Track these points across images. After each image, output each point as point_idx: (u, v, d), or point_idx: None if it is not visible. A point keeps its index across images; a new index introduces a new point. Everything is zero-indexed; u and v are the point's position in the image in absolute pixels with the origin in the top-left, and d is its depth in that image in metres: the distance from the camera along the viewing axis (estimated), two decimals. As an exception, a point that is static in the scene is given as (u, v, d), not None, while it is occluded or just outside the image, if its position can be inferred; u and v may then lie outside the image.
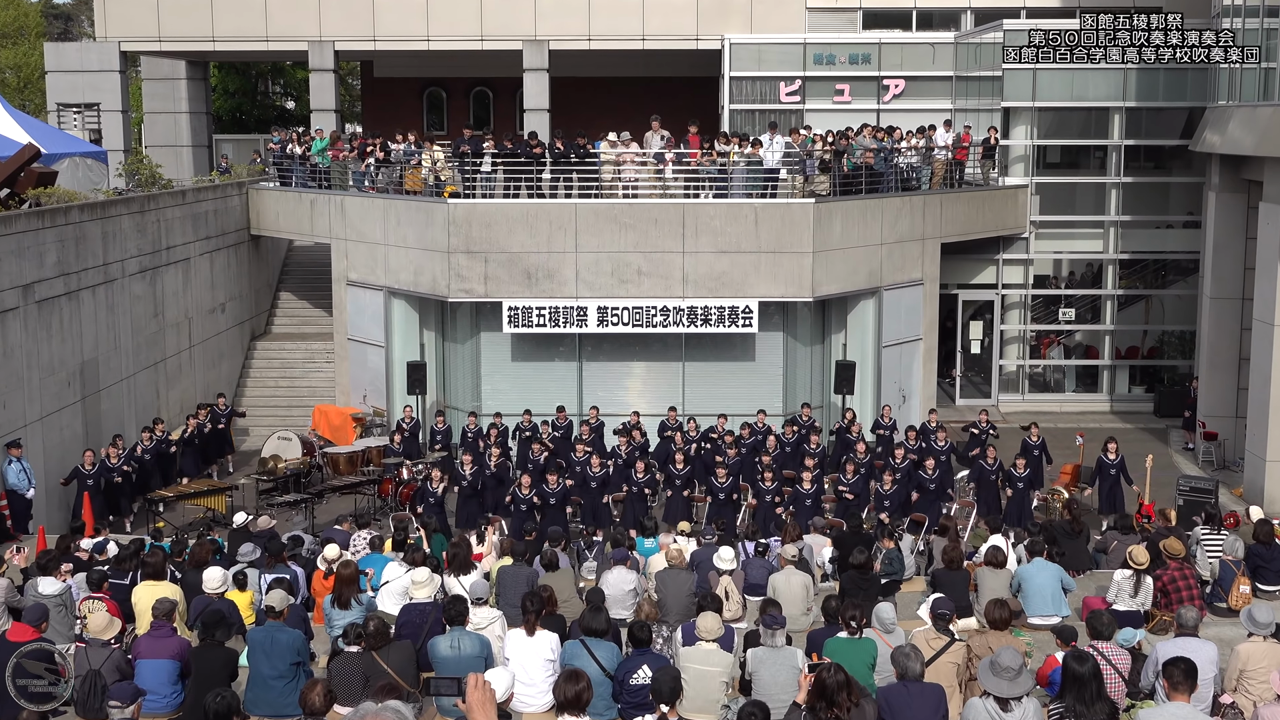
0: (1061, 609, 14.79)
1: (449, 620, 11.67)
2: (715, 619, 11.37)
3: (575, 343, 27.59)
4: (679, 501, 22.10)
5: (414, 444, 25.43)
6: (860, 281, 27.58)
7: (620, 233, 26.17)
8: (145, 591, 13.69)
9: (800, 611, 14.76)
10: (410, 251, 27.34)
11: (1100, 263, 33.07)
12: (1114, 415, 32.34)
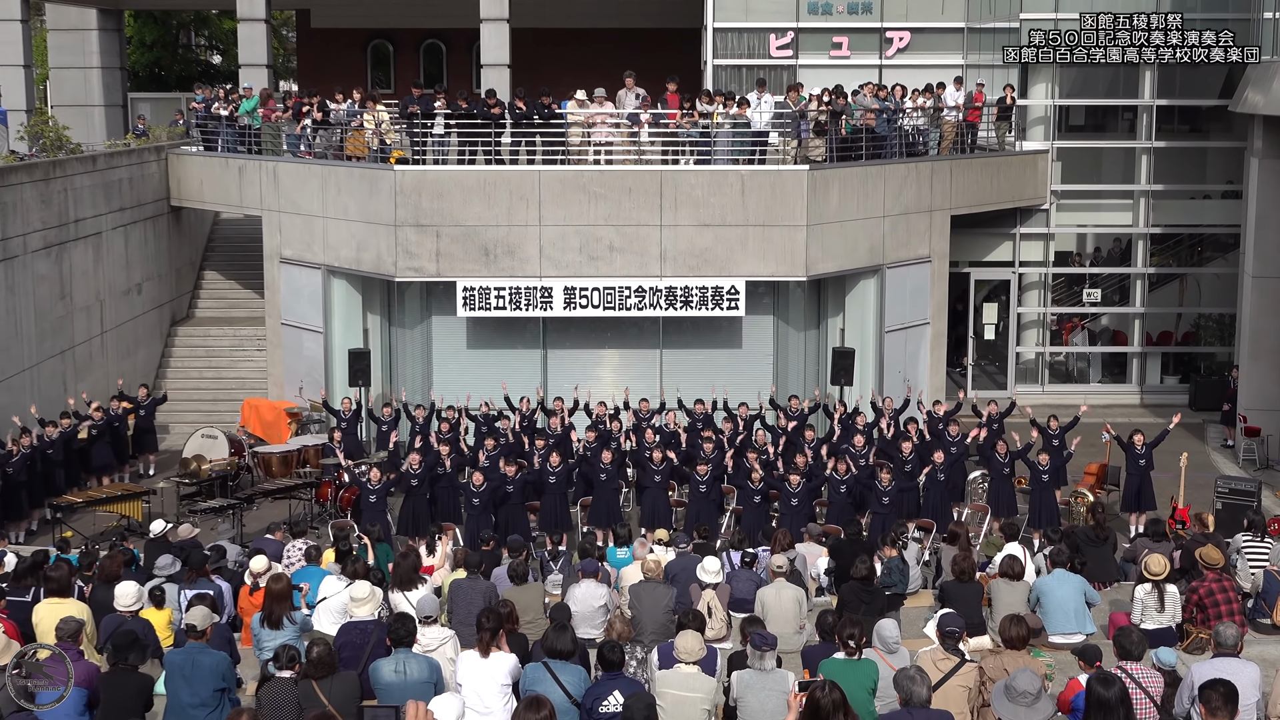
0: (1085, 626, 14.80)
1: (394, 641, 11.60)
2: (696, 639, 11.32)
3: (539, 328, 27.49)
4: (657, 505, 22.04)
5: (354, 441, 25.32)
6: (860, 259, 27.57)
7: (590, 204, 26.08)
8: (48, 610, 13.57)
9: (792, 630, 14.74)
10: (352, 225, 27.20)
11: (1129, 238, 33.14)
12: (1144, 408, 32.42)
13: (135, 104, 42.70)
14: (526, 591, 14.87)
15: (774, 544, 16.96)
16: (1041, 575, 15.95)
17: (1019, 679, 10.37)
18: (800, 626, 14.92)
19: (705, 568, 15.26)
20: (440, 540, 18.36)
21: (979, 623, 14.86)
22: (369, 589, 13.18)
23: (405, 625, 11.68)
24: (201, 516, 22.73)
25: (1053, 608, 14.76)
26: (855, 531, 17.90)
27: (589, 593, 15.12)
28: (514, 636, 12.90)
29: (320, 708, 10.75)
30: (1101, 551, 17.91)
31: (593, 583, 15.26)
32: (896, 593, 16.17)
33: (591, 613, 14.99)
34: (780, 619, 14.70)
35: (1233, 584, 14.99)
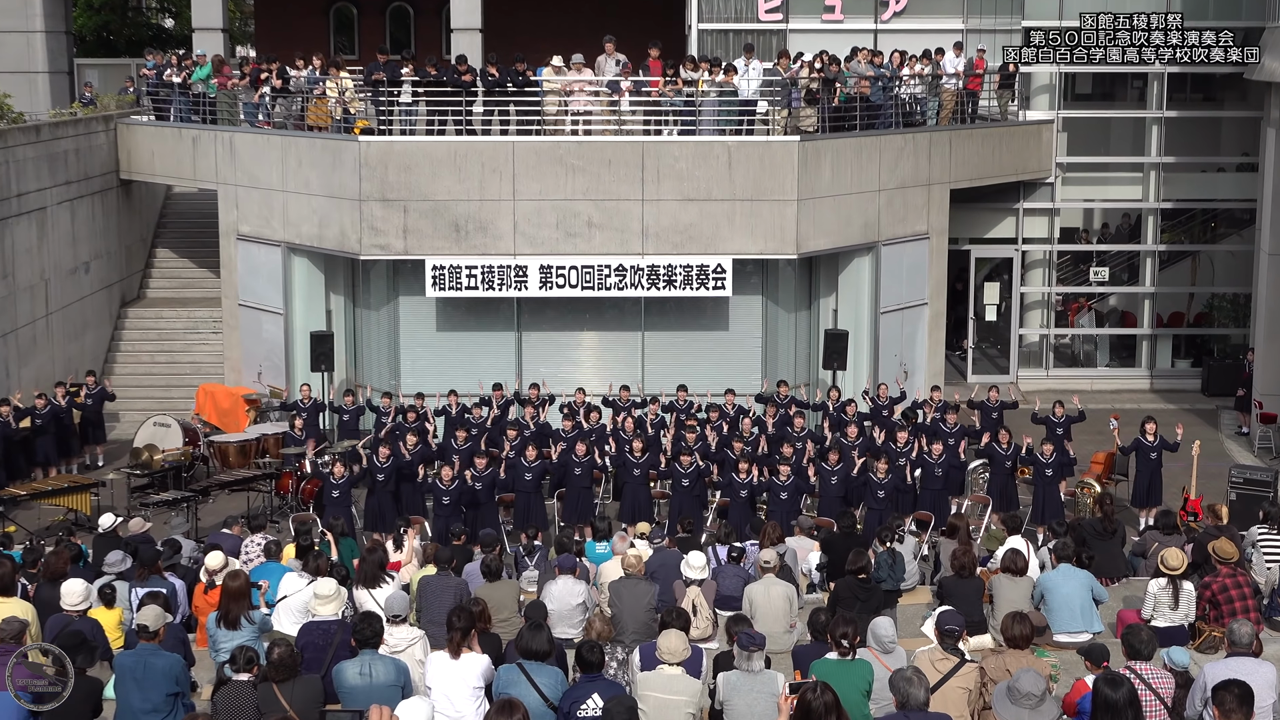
0: (1092, 624, 14.83)
1: (359, 642, 11.58)
2: (680, 638, 11.31)
3: (513, 309, 27.46)
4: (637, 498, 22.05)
5: (315, 430, 25.27)
6: (854, 235, 27.58)
7: (567, 177, 26.03)
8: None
9: (781, 629, 14.74)
10: (314, 199, 27.12)
11: (1139, 213, 33.19)
12: (1155, 394, 32.53)
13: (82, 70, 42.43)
14: (500, 588, 14.86)
15: (762, 538, 16.97)
16: (1046, 570, 15.99)
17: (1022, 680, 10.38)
18: (790, 625, 14.93)
19: (690, 563, 15.26)
20: (408, 535, 18.34)
21: (979, 621, 14.88)
22: (332, 586, 13.14)
23: (371, 625, 11.65)
24: (154, 510, 22.67)
25: (1058, 605, 14.78)
26: (849, 524, 17.91)
27: (566, 590, 15.11)
28: (486, 636, 12.88)
29: (281, 712, 10.73)
30: (1109, 545, 17.95)
31: (570, 579, 15.25)
32: (891, 589, 16.18)
33: (569, 611, 14.98)
34: (769, 617, 14.70)
35: (1248, 579, 15.01)
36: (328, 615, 12.88)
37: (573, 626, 14.90)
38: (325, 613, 12.90)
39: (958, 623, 11.81)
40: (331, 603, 12.99)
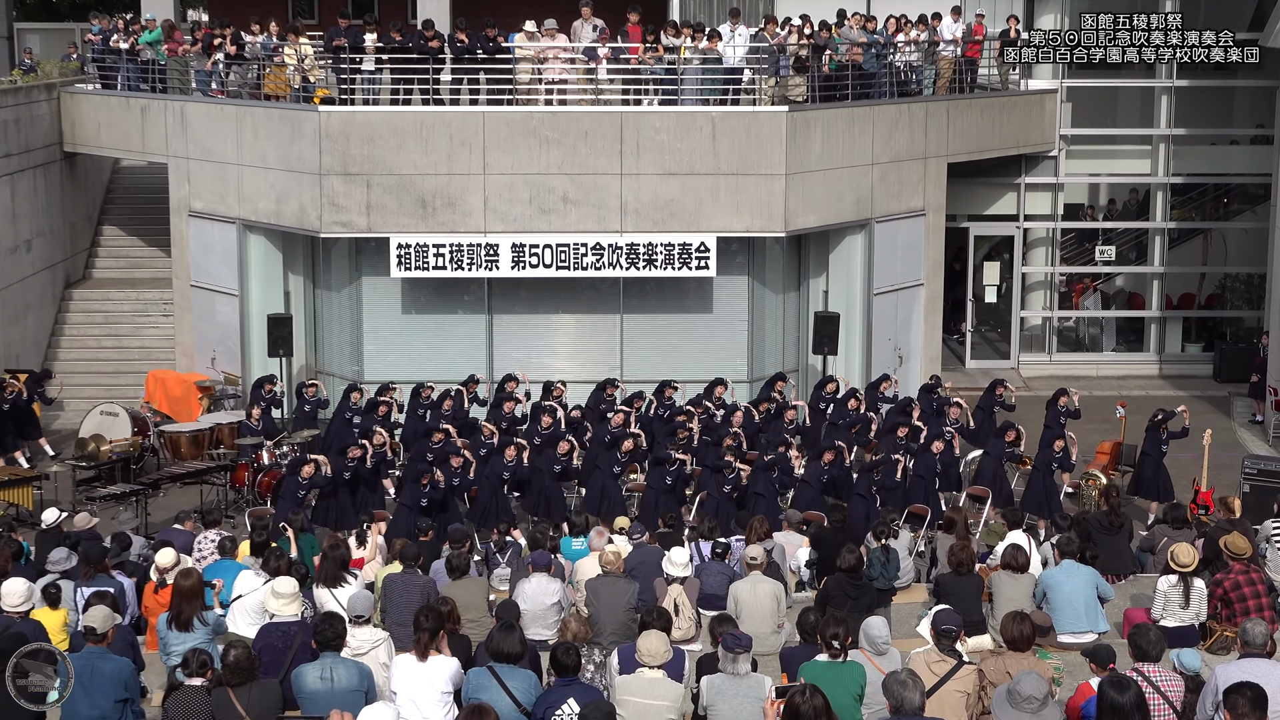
0: (1097, 624, 14.89)
1: (320, 644, 11.57)
2: (661, 639, 11.33)
3: (483, 290, 27.42)
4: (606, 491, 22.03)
5: (271, 421, 25.22)
6: (846, 212, 27.59)
7: (541, 149, 25.98)
8: (-74, 610, 13.48)
9: (769, 629, 14.78)
10: (271, 174, 27.05)
11: (1147, 188, 33.25)
12: (1164, 380, 32.60)
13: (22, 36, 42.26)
14: (468, 587, 14.86)
15: (749, 533, 17.00)
16: (1049, 567, 16.05)
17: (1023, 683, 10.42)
18: (778, 625, 14.97)
19: (672, 559, 15.28)
20: (371, 530, 18.32)
21: (978, 620, 14.93)
22: (291, 585, 13.15)
23: (333, 626, 11.66)
24: (101, 504, 22.56)
25: (1061, 603, 14.84)
26: (840, 519, 17.95)
27: (540, 588, 15.13)
28: (455, 638, 12.89)
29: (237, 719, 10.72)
30: (1116, 540, 18.00)
31: (544, 577, 15.26)
32: (884, 587, 16.21)
33: (543, 611, 15.00)
34: (756, 617, 14.73)
35: (1261, 576, 15.09)
36: (286, 616, 12.87)
37: (547, 627, 14.91)
38: (284, 613, 12.89)
39: (955, 622, 11.84)
40: (290, 603, 12.98)
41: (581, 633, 12.67)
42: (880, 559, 16.38)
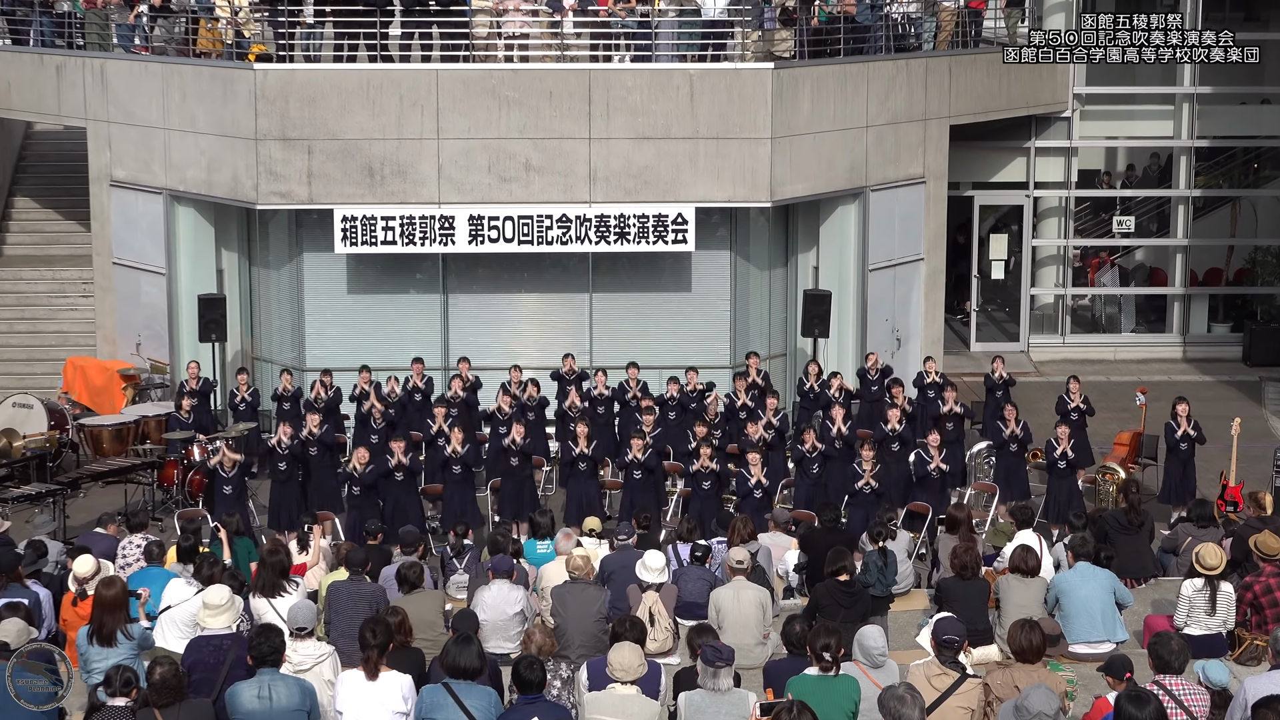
0: (1115, 632, 14.94)
1: (257, 659, 11.55)
2: (635, 652, 11.34)
3: (438, 268, 27.40)
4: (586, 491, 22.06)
5: (206, 412, 25.18)
6: (838, 180, 27.61)
7: (501, 111, 25.95)
8: None
9: (753, 640, 14.80)
10: (201, 139, 26.97)
11: (1169, 152, 33.33)
12: (1188, 364, 32.72)
13: (-77, -14, 42.01)
14: (422, 601, 14.84)
15: (731, 534, 17.00)
16: (1061, 570, 16.09)
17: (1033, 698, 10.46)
18: (764, 636, 14.99)
19: (646, 564, 15.28)
20: (314, 533, 18.30)
21: (984, 629, 14.97)
22: (225, 595, 13.10)
23: (270, 639, 11.62)
24: (13, 506, 22.51)
25: (1075, 610, 14.88)
26: (832, 519, 17.97)
27: (501, 596, 15.12)
28: (407, 652, 12.88)
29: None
30: (1135, 540, 18.05)
31: (506, 584, 15.26)
32: (880, 593, 16.25)
33: (504, 621, 15.00)
34: (739, 627, 14.75)
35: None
36: (219, 628, 12.84)
37: (509, 639, 14.91)
38: (217, 625, 12.86)
39: (958, 632, 11.88)
40: (224, 614, 12.94)
41: (547, 645, 12.66)
42: (877, 562, 16.40)
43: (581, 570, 15.18)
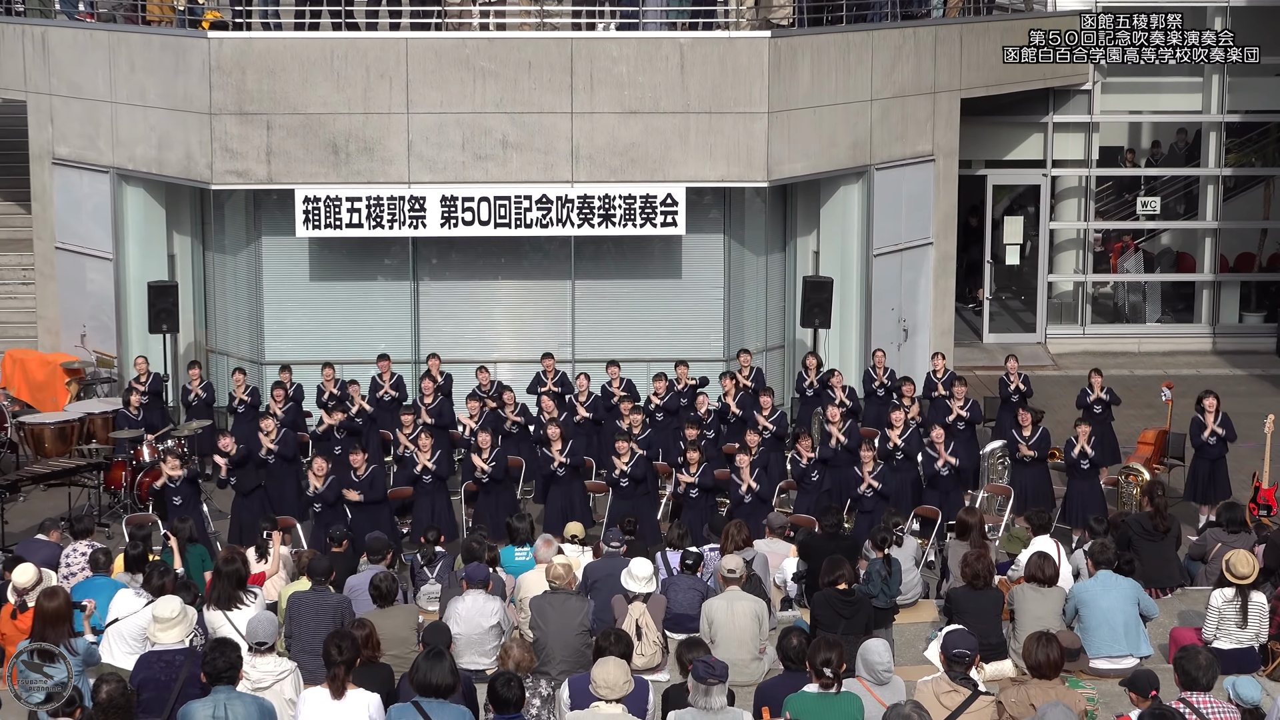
0: (1139, 646, 14.96)
1: (212, 676, 11.54)
2: (620, 668, 11.34)
3: (408, 253, 27.38)
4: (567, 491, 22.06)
5: (157, 410, 25.15)
6: (840, 158, 27.62)
7: (476, 84, 25.93)
8: None
9: (748, 655, 14.81)
10: (152, 113, 26.93)
11: (1198, 128, 33.35)
12: (1218, 356, 32.73)
13: None
14: (394, 616, 14.82)
15: (725, 540, 17.00)
16: (1081, 579, 16.11)
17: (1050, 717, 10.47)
18: (760, 650, 15.00)
19: (633, 573, 15.27)
20: (274, 540, 18.27)
21: (998, 643, 14.99)
22: (177, 606, 13.09)
23: (225, 655, 11.61)
24: (-52, 511, 22.53)
25: (1096, 622, 14.90)
26: (834, 524, 17.96)
27: (476, 608, 15.11)
28: (374, 668, 12.87)
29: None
30: (1161, 547, 18.07)
31: (482, 595, 15.24)
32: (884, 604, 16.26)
33: (480, 635, 14.99)
34: (733, 641, 14.75)
35: (1333, 589, 15.21)
36: (171, 643, 12.83)
37: (484, 654, 14.91)
38: (168, 640, 12.85)
39: (970, 646, 11.88)
40: (176, 627, 12.93)
41: (525, 660, 12.67)
42: (880, 571, 16.41)
43: (563, 579, 15.17)
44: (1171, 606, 17.20)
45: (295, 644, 14.74)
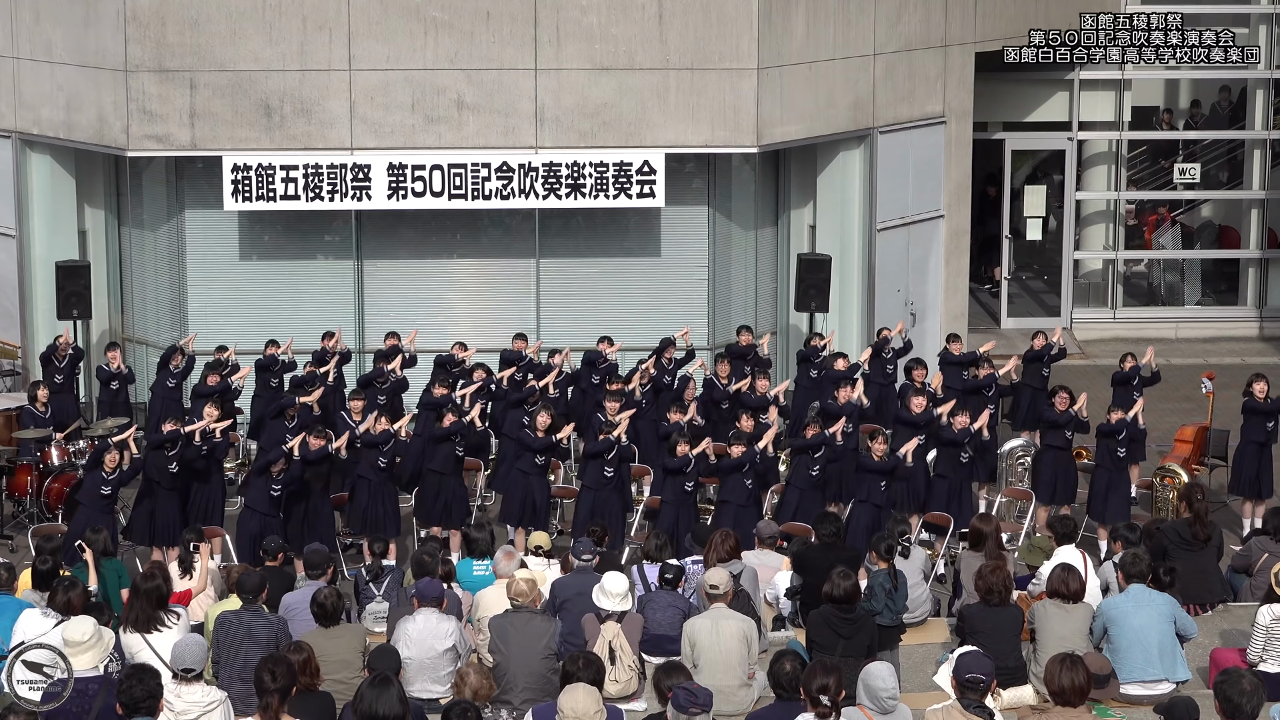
0: (1175, 670, 14.99)
1: (129, 707, 11.55)
2: (591, 697, 11.37)
3: (351, 228, 27.39)
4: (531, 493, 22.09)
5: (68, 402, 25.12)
6: (839, 120, 27.65)
7: (427, 36, 25.93)
8: None
9: (735, 680, 14.82)
10: (60, 70, 26.92)
11: (1243, 86, 33.43)
12: (1265, 342, 32.81)
13: None
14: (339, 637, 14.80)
15: (709, 552, 17.01)
16: (1111, 594, 16.15)
17: (1074, 749, 10.52)
18: (748, 676, 15.02)
19: (606, 589, 15.28)
20: (200, 552, 18.26)
21: (1016, 666, 15.03)
22: (90, 628, 13.10)
23: (144, 683, 11.60)
24: None
25: (1127, 643, 14.94)
26: (831, 531, 17.98)
27: (429, 629, 15.10)
28: (314, 696, 12.88)
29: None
30: (1201, 558, 18.10)
31: (435, 614, 15.23)
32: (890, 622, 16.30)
33: (433, 660, 14.99)
34: (718, 664, 14.77)
35: (1393, 605, 15.27)
36: (84, 669, 12.83)
37: (438, 681, 14.91)
38: (80, 666, 12.85)
39: (985, 670, 11.92)
40: (89, 651, 12.94)
41: (484, 688, 12.70)
42: (884, 584, 16.43)
43: (526, 597, 15.17)
44: (1212, 625, 17.24)
45: (224, 670, 14.71)
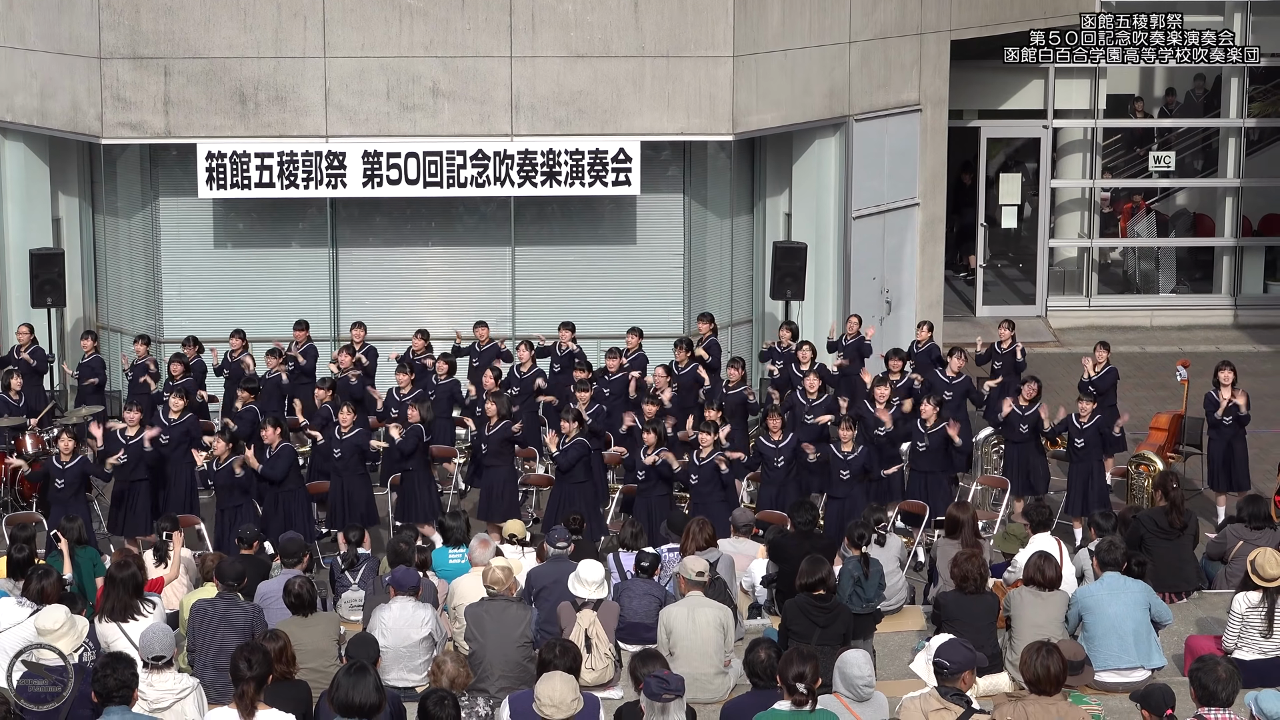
0: (1150, 657, 15.02)
1: (103, 695, 11.50)
2: (567, 684, 11.36)
3: (325, 216, 27.35)
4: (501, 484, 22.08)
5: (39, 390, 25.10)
6: (815, 108, 27.64)
7: (401, 24, 25.89)
8: None
9: (711, 668, 14.84)
10: (32, 57, 26.84)
11: (1218, 74, 33.46)
12: (1240, 330, 32.86)
13: None
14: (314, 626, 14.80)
15: (685, 540, 17.01)
16: (1086, 582, 16.18)
17: (1050, 736, 10.53)
18: (724, 664, 15.03)
19: (581, 577, 15.28)
20: (173, 541, 18.23)
21: (992, 654, 15.04)
22: (63, 617, 13.08)
23: (118, 672, 11.56)
24: None
25: (1103, 630, 14.96)
26: (807, 520, 17.97)
27: (404, 617, 15.10)
28: (289, 685, 12.86)
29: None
30: (1176, 546, 18.14)
31: (411, 602, 15.24)
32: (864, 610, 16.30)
33: (408, 648, 14.99)
34: (694, 653, 14.79)
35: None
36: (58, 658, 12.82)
37: (414, 670, 14.92)
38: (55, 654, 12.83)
39: (960, 657, 11.92)
40: (63, 640, 12.92)
41: (460, 676, 12.67)
42: (853, 572, 16.42)
43: (502, 585, 15.16)
44: (1187, 612, 17.28)
45: (199, 658, 14.70)
